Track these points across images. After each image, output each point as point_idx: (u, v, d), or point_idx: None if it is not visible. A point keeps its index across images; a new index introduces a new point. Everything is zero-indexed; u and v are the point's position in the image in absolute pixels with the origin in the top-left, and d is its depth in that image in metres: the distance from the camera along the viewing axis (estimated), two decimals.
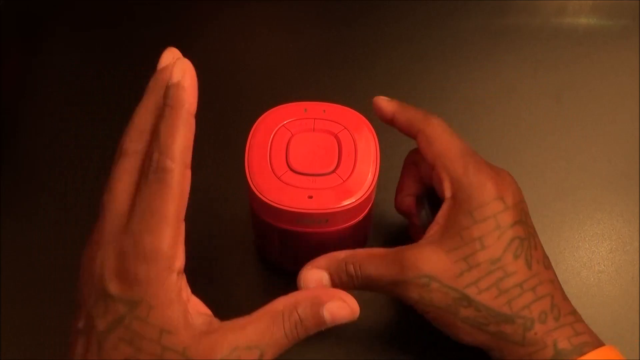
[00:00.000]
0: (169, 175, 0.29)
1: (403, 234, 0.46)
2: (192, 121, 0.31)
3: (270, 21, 0.57)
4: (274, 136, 0.37)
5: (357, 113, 0.39)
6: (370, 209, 0.39)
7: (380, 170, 0.37)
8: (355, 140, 0.37)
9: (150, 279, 0.29)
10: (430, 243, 0.36)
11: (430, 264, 0.35)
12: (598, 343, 0.35)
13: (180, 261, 0.30)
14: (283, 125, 0.38)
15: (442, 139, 0.37)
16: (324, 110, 0.38)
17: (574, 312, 0.36)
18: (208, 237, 0.46)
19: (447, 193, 0.36)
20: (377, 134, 0.38)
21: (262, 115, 0.38)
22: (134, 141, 0.30)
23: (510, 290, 0.35)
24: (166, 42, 0.55)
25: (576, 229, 0.47)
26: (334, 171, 0.36)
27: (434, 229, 0.37)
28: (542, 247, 0.37)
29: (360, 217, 0.38)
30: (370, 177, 0.37)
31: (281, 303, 0.31)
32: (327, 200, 0.36)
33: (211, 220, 0.47)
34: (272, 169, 0.36)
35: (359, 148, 0.37)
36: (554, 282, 0.36)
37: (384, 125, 0.40)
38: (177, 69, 0.31)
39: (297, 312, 0.31)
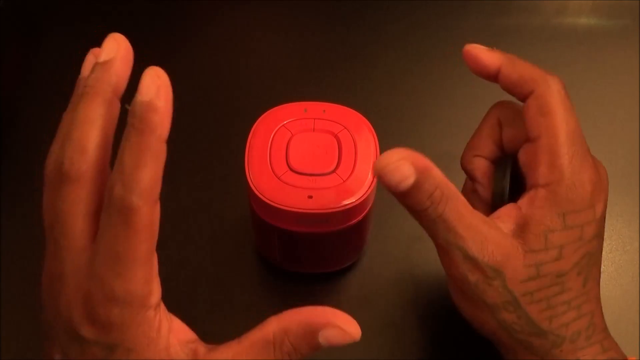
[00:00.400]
0: (136, 215, 0.24)
1: (404, 234, 0.46)
2: (164, 149, 0.25)
3: (270, 21, 0.57)
4: (274, 136, 0.37)
5: (357, 113, 0.39)
6: (370, 209, 0.39)
7: None
8: (355, 140, 0.37)
9: (125, 322, 0.26)
10: (515, 236, 0.31)
11: (508, 261, 0.31)
12: (622, 357, 0.33)
13: (155, 296, 0.27)
14: (283, 125, 0.38)
15: (558, 113, 0.32)
16: (324, 110, 0.38)
17: (605, 329, 0.34)
18: (208, 237, 0.46)
19: (542, 180, 0.32)
20: (377, 134, 0.38)
21: (262, 115, 0.38)
22: (76, 162, 0.25)
23: (557, 307, 0.32)
24: (166, 42, 0.55)
25: None
26: (334, 171, 0.36)
27: (513, 214, 0.32)
28: (601, 260, 0.34)
29: (361, 217, 0.38)
30: (370, 177, 0.37)
31: (271, 329, 0.28)
32: (327, 200, 0.36)
33: (211, 220, 0.47)
34: (272, 169, 0.36)
35: (359, 148, 0.37)
36: (598, 299, 0.34)
37: (384, 125, 0.40)
38: (149, 83, 0.24)
39: (288, 340, 0.28)
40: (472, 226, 0.31)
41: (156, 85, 0.24)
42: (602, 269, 0.45)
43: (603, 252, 0.46)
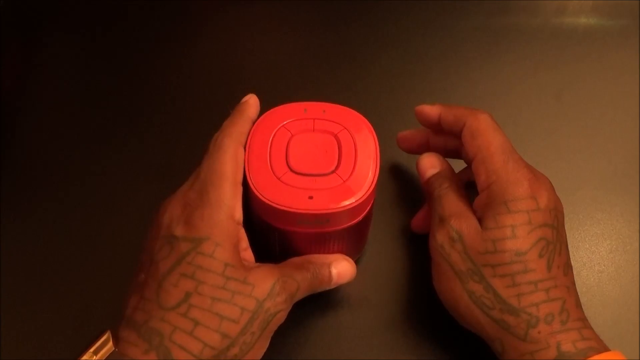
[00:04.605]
0: (225, 144, 0.36)
1: (403, 234, 0.46)
2: (250, 122, 0.38)
3: (270, 21, 0.57)
4: (273, 136, 0.37)
5: (357, 113, 0.39)
6: (370, 209, 0.39)
7: (380, 170, 0.37)
8: (355, 140, 0.37)
9: (215, 222, 0.34)
10: (478, 219, 0.38)
11: (469, 231, 0.37)
12: (604, 349, 0.35)
13: (239, 214, 0.35)
14: (283, 125, 0.38)
15: (486, 134, 0.38)
16: (324, 111, 0.38)
17: (583, 318, 0.36)
18: None
19: (484, 186, 0.37)
20: (377, 134, 0.38)
21: (262, 116, 0.38)
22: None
23: (524, 285, 0.35)
24: (166, 42, 0.55)
25: (576, 229, 0.47)
26: (334, 171, 0.36)
27: (476, 207, 0.38)
28: (567, 256, 0.38)
29: (361, 217, 0.38)
30: (370, 176, 0.37)
31: (297, 259, 0.38)
32: (327, 201, 0.36)
33: None
34: (272, 170, 0.36)
35: (359, 148, 0.37)
36: (570, 288, 0.36)
37: (384, 125, 0.40)
38: (247, 96, 0.40)
39: (311, 266, 0.37)
40: (455, 205, 0.39)
41: (250, 95, 0.40)
42: (601, 269, 0.46)
43: (603, 252, 0.46)
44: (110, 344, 0.32)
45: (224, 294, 0.33)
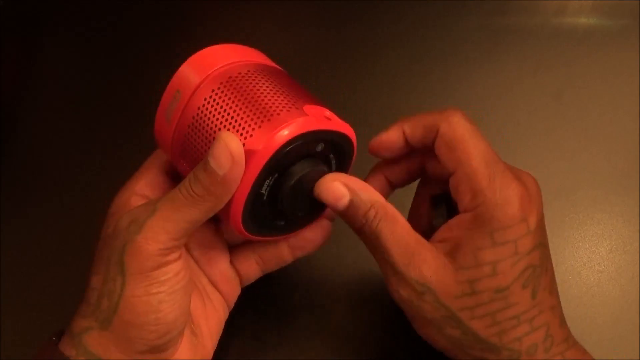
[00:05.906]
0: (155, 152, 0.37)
1: None
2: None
3: (270, 21, 0.57)
4: None
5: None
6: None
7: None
8: None
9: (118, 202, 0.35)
10: (447, 255, 0.33)
11: (437, 277, 0.32)
12: None
13: (149, 191, 0.35)
14: None
15: (464, 143, 0.33)
16: None
17: (567, 339, 0.34)
18: None
19: (468, 207, 0.33)
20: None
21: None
22: None
23: (505, 322, 0.32)
24: (166, 42, 0.55)
25: (576, 229, 0.47)
26: None
27: (447, 235, 0.34)
28: (552, 268, 0.35)
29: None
30: None
31: None
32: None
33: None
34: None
35: None
36: (555, 308, 0.34)
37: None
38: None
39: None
40: (403, 244, 0.33)
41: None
42: (601, 269, 0.46)
43: (603, 252, 0.46)
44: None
45: (104, 252, 0.32)
